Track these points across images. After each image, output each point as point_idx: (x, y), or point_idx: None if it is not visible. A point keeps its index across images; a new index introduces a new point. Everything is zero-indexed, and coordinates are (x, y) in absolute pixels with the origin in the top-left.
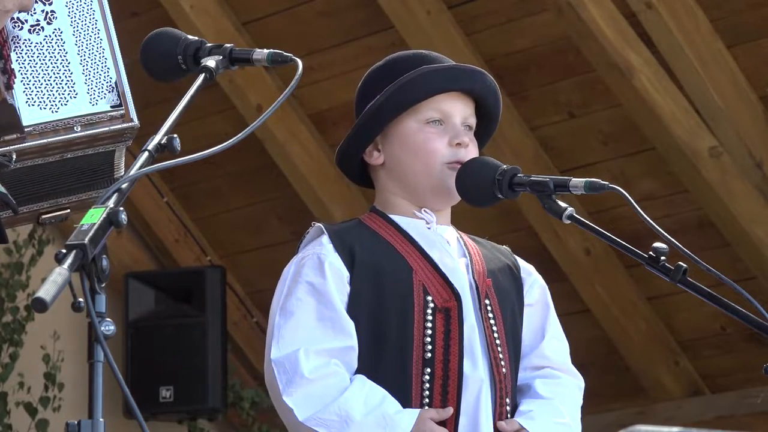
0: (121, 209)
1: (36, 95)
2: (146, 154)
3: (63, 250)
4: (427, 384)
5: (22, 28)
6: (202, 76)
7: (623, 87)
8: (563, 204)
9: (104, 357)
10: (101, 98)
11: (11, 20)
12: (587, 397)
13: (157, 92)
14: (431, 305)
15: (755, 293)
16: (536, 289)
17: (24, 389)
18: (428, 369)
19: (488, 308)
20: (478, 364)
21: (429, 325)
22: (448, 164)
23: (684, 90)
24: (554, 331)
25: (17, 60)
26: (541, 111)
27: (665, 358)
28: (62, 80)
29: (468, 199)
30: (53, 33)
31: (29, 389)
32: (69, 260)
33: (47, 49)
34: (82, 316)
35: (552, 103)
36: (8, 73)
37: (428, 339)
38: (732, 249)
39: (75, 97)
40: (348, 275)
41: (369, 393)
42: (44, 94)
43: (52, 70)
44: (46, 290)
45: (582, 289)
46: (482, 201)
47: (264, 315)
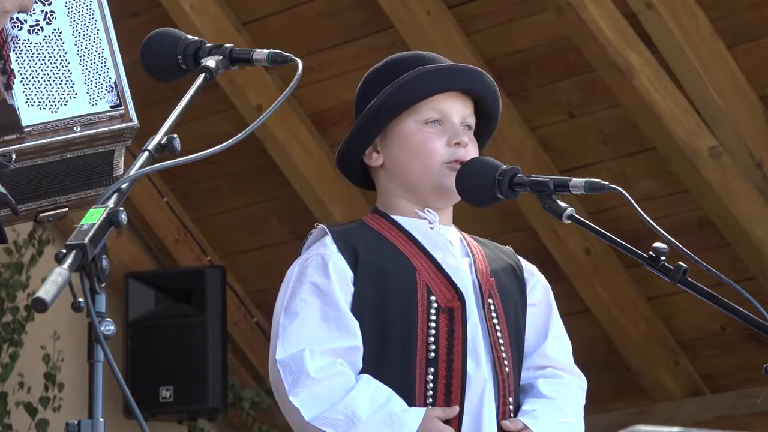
0: (121, 209)
1: (35, 95)
2: (146, 154)
3: (63, 250)
4: (431, 384)
5: (22, 28)
6: (202, 76)
7: (623, 87)
8: (563, 204)
9: (104, 357)
10: (101, 98)
11: (10, 20)
12: (587, 397)
13: (157, 92)
14: (435, 305)
15: (755, 293)
16: (539, 289)
17: (24, 389)
18: (432, 369)
19: (491, 308)
20: (482, 364)
21: (432, 325)
22: (447, 164)
23: (684, 90)
24: (557, 331)
25: (17, 60)
26: (541, 111)
27: (665, 358)
28: (62, 80)
29: (468, 199)
30: (53, 33)
31: (29, 389)
32: (69, 260)
33: (47, 49)
34: (82, 316)
35: (552, 103)
36: (8, 74)
37: (432, 339)
38: (732, 249)
39: (74, 97)
40: (352, 276)
41: (375, 392)
42: (44, 94)
43: (52, 70)
44: (46, 290)
45: (582, 289)
46: (482, 201)
47: (264, 315)
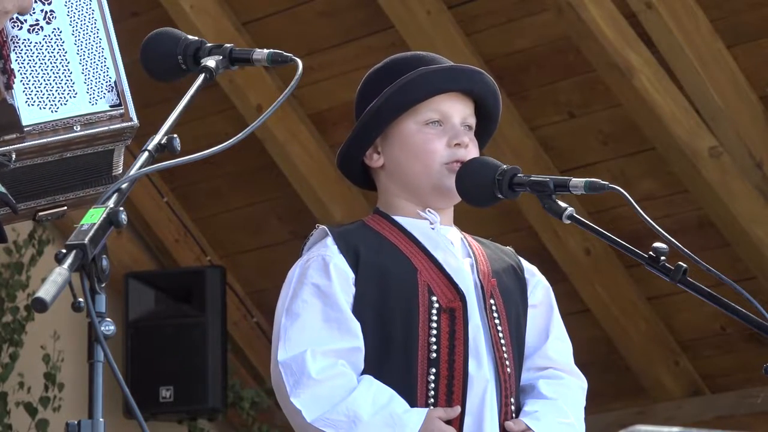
0: (121, 209)
1: (35, 95)
2: (146, 154)
3: (63, 250)
4: (433, 384)
5: (22, 28)
6: (202, 76)
7: (623, 87)
8: (563, 204)
9: (104, 357)
10: (101, 98)
11: (10, 20)
12: (587, 398)
13: (157, 92)
14: (436, 305)
15: (755, 293)
16: (540, 290)
17: (24, 389)
18: (433, 369)
19: (493, 308)
20: (483, 364)
21: (434, 326)
22: (447, 164)
23: (684, 90)
24: (558, 332)
25: (17, 60)
26: (541, 111)
27: (665, 358)
28: (62, 80)
29: (468, 199)
30: (52, 32)
31: (29, 389)
32: (69, 260)
33: (47, 49)
34: (82, 316)
35: (552, 103)
36: (8, 73)
37: (433, 339)
38: (732, 249)
39: (74, 97)
40: (353, 276)
41: (377, 393)
42: (44, 94)
43: (52, 70)
44: (46, 290)
45: (582, 289)
46: (482, 201)
47: (264, 315)
